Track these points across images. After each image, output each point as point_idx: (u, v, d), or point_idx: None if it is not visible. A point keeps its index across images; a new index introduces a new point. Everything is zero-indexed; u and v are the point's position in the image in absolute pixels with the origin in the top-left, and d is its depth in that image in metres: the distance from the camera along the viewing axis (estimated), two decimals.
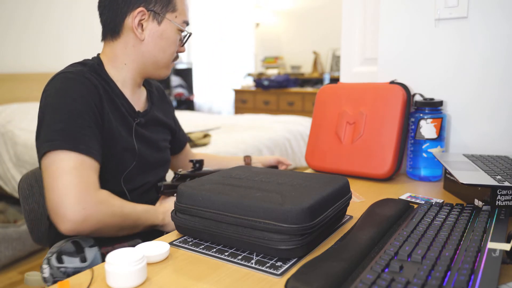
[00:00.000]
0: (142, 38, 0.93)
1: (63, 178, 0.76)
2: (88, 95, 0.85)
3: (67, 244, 0.80)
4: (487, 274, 0.49)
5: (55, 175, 0.77)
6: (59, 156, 0.78)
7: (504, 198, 0.75)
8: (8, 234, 2.11)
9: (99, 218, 0.78)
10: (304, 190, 0.66)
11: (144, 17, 0.92)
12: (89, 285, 0.55)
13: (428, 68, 1.08)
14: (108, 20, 0.94)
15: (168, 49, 0.96)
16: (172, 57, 0.98)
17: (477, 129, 1.03)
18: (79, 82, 0.85)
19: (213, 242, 0.66)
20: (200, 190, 0.68)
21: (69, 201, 0.75)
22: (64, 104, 0.83)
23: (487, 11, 0.99)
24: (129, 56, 0.95)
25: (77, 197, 0.75)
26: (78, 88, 0.85)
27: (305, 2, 4.90)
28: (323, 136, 1.13)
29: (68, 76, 0.86)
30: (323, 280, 0.49)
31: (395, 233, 0.65)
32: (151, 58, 0.95)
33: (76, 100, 0.83)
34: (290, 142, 2.89)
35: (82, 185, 0.77)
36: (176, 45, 0.98)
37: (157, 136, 1.05)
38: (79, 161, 0.79)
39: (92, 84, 0.87)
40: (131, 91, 0.99)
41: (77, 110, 0.83)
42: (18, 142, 2.50)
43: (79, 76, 0.86)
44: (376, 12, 1.20)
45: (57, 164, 0.78)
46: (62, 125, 0.81)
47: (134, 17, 0.91)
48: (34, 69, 3.27)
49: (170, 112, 1.16)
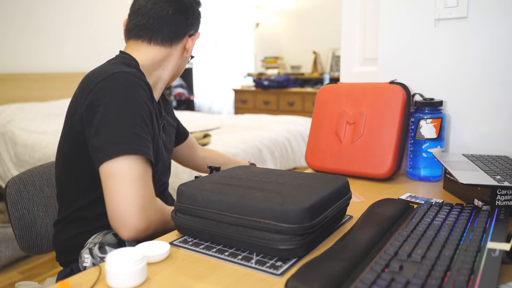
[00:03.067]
0: (186, 56, 1.03)
1: (132, 187, 0.74)
2: (147, 99, 0.84)
3: (109, 236, 0.80)
4: (487, 274, 0.49)
5: (123, 182, 0.75)
6: (129, 162, 0.75)
7: (504, 198, 0.75)
8: (8, 234, 2.11)
9: (158, 225, 0.78)
10: (304, 190, 0.66)
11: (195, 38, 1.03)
12: (95, 282, 0.55)
13: (428, 68, 1.08)
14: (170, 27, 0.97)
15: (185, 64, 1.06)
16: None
17: (477, 129, 1.04)
18: (138, 85, 0.83)
19: (213, 242, 0.66)
20: (200, 190, 0.68)
21: (135, 211, 0.74)
22: (131, 106, 0.80)
23: (487, 11, 0.99)
24: (170, 64, 1.00)
25: (142, 207, 0.75)
26: (139, 91, 0.83)
27: (305, 2, 4.90)
28: (323, 136, 1.13)
29: (129, 77, 0.83)
30: (323, 280, 0.49)
31: (395, 233, 0.65)
32: (181, 70, 1.05)
33: (140, 104, 0.81)
34: (290, 142, 2.89)
35: (147, 195, 0.76)
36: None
37: (170, 139, 1.07)
38: (146, 169, 0.78)
39: (147, 86, 0.86)
40: (158, 96, 1.01)
41: (143, 115, 0.81)
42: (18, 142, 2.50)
43: (137, 78, 0.84)
44: (376, 12, 1.20)
45: (125, 170, 0.75)
46: (134, 129, 0.78)
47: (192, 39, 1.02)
48: (34, 69, 3.27)
49: (171, 111, 1.16)
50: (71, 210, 0.92)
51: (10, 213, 1.02)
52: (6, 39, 3.11)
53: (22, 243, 1.03)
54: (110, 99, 0.80)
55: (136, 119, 0.79)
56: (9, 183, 1.04)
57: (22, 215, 1.03)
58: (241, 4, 5.32)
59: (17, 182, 1.05)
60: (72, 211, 0.91)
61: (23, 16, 3.19)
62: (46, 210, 1.08)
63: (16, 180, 1.05)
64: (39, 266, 2.16)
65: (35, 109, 2.89)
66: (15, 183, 1.04)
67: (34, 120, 2.78)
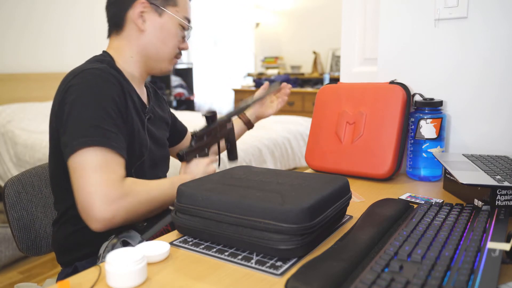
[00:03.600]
0: (143, 28, 0.96)
1: (91, 177, 0.76)
2: (115, 92, 0.86)
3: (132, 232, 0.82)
4: (487, 274, 0.49)
5: (83, 173, 0.77)
6: (90, 153, 0.78)
7: (504, 198, 0.75)
8: (8, 234, 2.10)
9: (127, 209, 0.79)
10: (304, 190, 0.66)
11: (146, 9, 0.95)
12: (95, 282, 0.55)
13: (428, 68, 1.08)
14: (113, 15, 0.98)
15: (169, 42, 0.98)
16: (173, 51, 1.00)
17: (477, 129, 1.04)
18: (106, 79, 0.86)
19: (213, 242, 0.66)
20: (200, 190, 0.68)
21: (96, 200, 0.76)
22: (95, 101, 0.83)
23: (487, 11, 0.99)
24: (134, 49, 0.97)
25: (103, 195, 0.76)
26: (106, 85, 0.85)
27: (305, 2, 4.90)
28: (323, 136, 1.13)
29: (96, 72, 0.86)
30: (323, 280, 0.49)
31: (395, 233, 0.65)
32: (153, 49, 0.97)
33: (106, 97, 0.84)
34: (290, 142, 2.89)
35: (107, 182, 0.77)
36: (177, 39, 0.99)
37: (161, 132, 1.06)
38: (109, 158, 0.79)
39: (117, 81, 0.88)
40: (138, 86, 1.00)
41: (107, 108, 0.83)
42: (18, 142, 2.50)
43: (105, 73, 0.87)
44: (376, 12, 1.20)
45: (87, 161, 0.77)
46: (95, 122, 0.81)
47: (135, 8, 0.95)
48: (34, 69, 3.27)
49: (165, 107, 1.17)
50: (65, 208, 0.93)
51: (8, 214, 1.01)
52: (6, 39, 3.11)
53: (20, 244, 1.03)
54: (76, 95, 0.83)
55: (99, 112, 0.82)
56: (7, 184, 1.04)
57: (21, 216, 1.03)
58: (241, 4, 5.32)
59: (16, 183, 1.05)
60: (67, 209, 0.92)
61: (23, 16, 3.19)
62: (44, 211, 1.08)
63: (14, 181, 1.05)
64: (39, 266, 2.16)
65: (35, 109, 2.89)
66: (14, 184, 1.04)
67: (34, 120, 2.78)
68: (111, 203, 0.76)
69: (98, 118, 0.81)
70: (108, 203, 0.76)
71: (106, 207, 0.76)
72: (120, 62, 0.97)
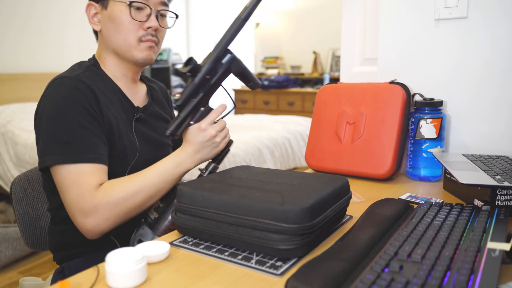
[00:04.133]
0: (98, 29, 0.95)
1: (67, 194, 0.80)
2: (86, 101, 0.85)
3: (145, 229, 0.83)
4: (487, 274, 0.49)
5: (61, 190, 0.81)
6: (62, 171, 0.80)
7: (504, 198, 0.75)
8: (8, 234, 2.11)
9: (106, 217, 0.79)
10: (304, 190, 0.66)
11: (97, 9, 0.94)
12: (94, 283, 0.55)
13: (428, 68, 1.08)
14: None
15: (122, 29, 0.91)
16: (133, 36, 0.91)
17: (477, 129, 1.04)
18: (76, 88, 0.85)
19: (213, 242, 0.66)
20: (200, 190, 0.68)
21: (76, 215, 0.80)
22: (64, 114, 0.83)
23: (487, 11, 0.99)
24: (103, 50, 0.96)
25: (78, 209, 0.79)
26: (76, 94, 0.84)
27: (305, 2, 4.90)
28: (323, 136, 1.13)
29: (65, 81, 0.86)
30: (323, 280, 0.49)
31: (395, 233, 0.65)
32: (113, 44, 0.93)
33: (76, 108, 0.83)
34: (290, 142, 2.89)
35: (79, 196, 0.79)
36: (131, 22, 0.91)
37: (158, 133, 1.02)
38: (81, 171, 0.80)
39: (88, 88, 0.86)
40: (125, 85, 0.98)
41: (78, 119, 0.83)
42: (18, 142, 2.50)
43: (75, 81, 0.86)
44: (376, 12, 1.20)
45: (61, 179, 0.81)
46: (66, 137, 0.81)
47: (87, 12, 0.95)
48: (34, 69, 3.27)
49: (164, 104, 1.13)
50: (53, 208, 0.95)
51: (15, 210, 1.05)
52: (6, 39, 3.11)
53: (26, 239, 1.06)
54: (46, 108, 0.85)
55: (70, 125, 0.82)
56: (15, 181, 1.07)
57: (26, 212, 1.06)
58: (241, 4, 5.32)
59: (23, 179, 1.08)
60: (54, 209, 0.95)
61: (23, 16, 3.19)
62: None
63: (22, 178, 1.08)
64: (39, 266, 2.16)
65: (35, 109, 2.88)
66: (21, 180, 1.08)
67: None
68: (87, 216, 0.79)
69: (69, 132, 0.82)
70: (85, 216, 0.79)
71: (85, 220, 0.79)
72: (101, 64, 0.97)
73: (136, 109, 0.97)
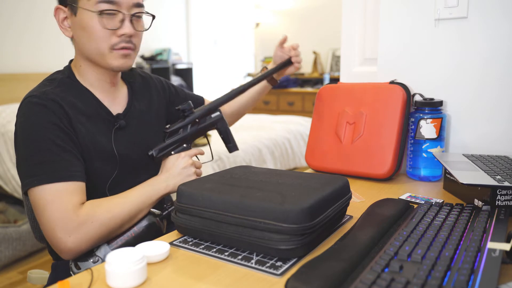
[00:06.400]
0: (69, 35, 0.91)
1: (47, 213, 0.78)
2: (56, 117, 0.83)
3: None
4: (487, 274, 0.49)
5: (39, 211, 0.79)
6: (40, 192, 0.78)
7: (504, 198, 0.75)
8: (8, 234, 2.11)
9: (89, 236, 0.78)
10: (304, 190, 0.66)
11: (66, 14, 0.89)
12: (89, 286, 0.55)
13: (428, 68, 1.08)
14: None
15: (93, 38, 0.86)
16: (106, 43, 0.86)
17: (477, 129, 1.03)
18: (43, 106, 0.83)
19: (213, 242, 0.66)
20: (200, 189, 0.68)
21: (55, 235, 0.77)
22: (34, 134, 0.81)
23: (487, 11, 0.99)
24: (78, 57, 0.93)
25: (61, 227, 0.77)
26: (43, 114, 0.82)
27: (305, 2, 4.90)
28: (323, 136, 1.13)
29: (32, 101, 0.83)
30: (323, 280, 0.49)
31: (395, 233, 0.65)
32: (87, 51, 0.88)
33: (46, 126, 0.81)
34: (290, 142, 2.89)
35: (63, 214, 0.77)
36: (102, 30, 0.85)
37: (144, 134, 0.98)
38: (60, 190, 0.78)
39: (57, 105, 0.84)
40: (103, 92, 0.93)
41: (50, 137, 0.80)
42: None
43: (42, 99, 0.83)
44: (376, 12, 1.20)
45: (40, 199, 0.79)
46: (39, 158, 0.80)
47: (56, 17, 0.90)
48: (34, 69, 3.27)
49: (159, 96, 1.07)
50: None
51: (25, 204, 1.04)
52: (6, 39, 3.11)
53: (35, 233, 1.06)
54: (17, 129, 0.84)
55: (42, 145, 0.80)
56: None
57: None
58: (241, 4, 5.32)
59: None
60: None
61: (23, 16, 3.19)
62: None
63: None
64: (39, 266, 2.16)
65: None
66: None
67: None
68: (71, 233, 0.77)
69: (42, 152, 0.80)
70: (68, 233, 0.77)
71: (67, 238, 0.77)
72: (77, 74, 0.93)
73: (117, 117, 0.93)
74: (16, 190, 2.43)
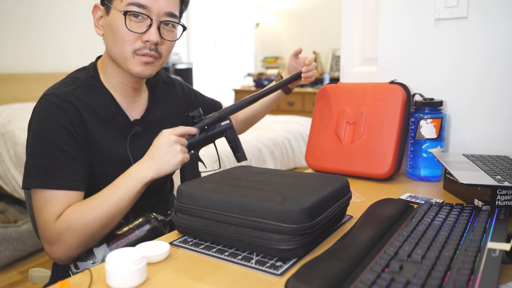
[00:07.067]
0: (100, 33, 0.90)
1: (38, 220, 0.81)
2: (69, 121, 0.82)
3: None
4: (487, 274, 0.49)
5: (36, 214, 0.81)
6: (35, 194, 0.80)
7: (504, 198, 0.75)
8: (8, 234, 2.11)
9: (68, 245, 0.78)
10: (304, 190, 0.66)
11: (102, 12, 0.89)
12: (89, 286, 0.55)
13: (428, 68, 1.08)
14: None
15: (118, 40, 0.85)
16: (129, 48, 0.85)
17: (477, 129, 1.03)
18: (60, 109, 0.82)
19: (213, 242, 0.66)
20: (200, 190, 0.68)
21: (43, 244, 0.81)
22: (45, 136, 0.81)
23: (487, 11, 0.99)
24: (105, 57, 0.92)
25: (44, 237, 0.80)
26: (58, 117, 0.81)
27: (305, 2, 4.90)
28: (323, 136, 1.13)
29: (51, 100, 0.82)
30: (323, 280, 0.49)
31: (395, 233, 0.65)
32: (111, 53, 0.88)
33: (57, 132, 0.81)
34: (290, 142, 2.89)
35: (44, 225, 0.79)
36: (128, 33, 0.84)
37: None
38: (49, 198, 0.79)
39: (74, 109, 0.83)
40: (124, 96, 0.93)
41: (57, 141, 0.80)
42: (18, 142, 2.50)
43: (61, 100, 0.83)
44: (376, 12, 1.20)
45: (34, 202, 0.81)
46: (43, 160, 0.80)
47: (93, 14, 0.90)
48: (34, 69, 3.27)
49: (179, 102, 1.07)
50: None
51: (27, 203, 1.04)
52: (6, 39, 3.11)
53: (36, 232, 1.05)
54: (31, 126, 0.84)
55: (49, 148, 0.80)
56: None
57: None
58: (241, 4, 5.32)
59: None
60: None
61: (23, 16, 3.19)
62: None
63: None
64: (39, 266, 2.16)
65: None
66: None
67: None
68: (52, 244, 0.79)
69: (47, 156, 0.80)
70: (50, 244, 0.79)
71: (50, 249, 0.80)
72: (101, 76, 0.92)
73: (134, 123, 0.93)
74: (16, 190, 2.43)
